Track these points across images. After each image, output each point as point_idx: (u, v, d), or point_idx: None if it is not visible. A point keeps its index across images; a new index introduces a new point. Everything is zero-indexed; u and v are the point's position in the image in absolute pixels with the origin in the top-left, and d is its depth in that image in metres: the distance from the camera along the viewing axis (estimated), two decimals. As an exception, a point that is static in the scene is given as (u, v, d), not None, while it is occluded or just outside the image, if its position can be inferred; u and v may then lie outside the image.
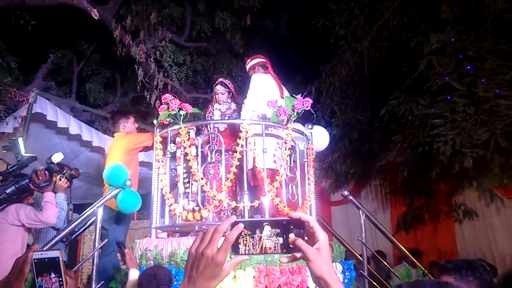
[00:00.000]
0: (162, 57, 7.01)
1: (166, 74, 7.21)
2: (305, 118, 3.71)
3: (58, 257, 1.16)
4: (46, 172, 3.45)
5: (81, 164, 5.75)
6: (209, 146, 3.57)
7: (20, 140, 4.36)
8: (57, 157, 3.72)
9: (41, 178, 3.33)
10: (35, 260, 1.13)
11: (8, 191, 3.14)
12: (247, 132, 3.08)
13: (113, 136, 4.32)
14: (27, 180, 3.27)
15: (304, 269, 2.91)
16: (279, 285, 2.76)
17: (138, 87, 7.09)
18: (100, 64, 8.40)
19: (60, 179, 3.71)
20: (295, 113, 3.23)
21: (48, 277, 1.16)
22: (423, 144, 5.19)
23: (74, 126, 5.15)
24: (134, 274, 2.64)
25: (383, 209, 7.27)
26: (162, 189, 3.17)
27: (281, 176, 3.17)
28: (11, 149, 3.85)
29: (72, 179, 3.92)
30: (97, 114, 7.37)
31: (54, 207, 3.49)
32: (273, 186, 3.07)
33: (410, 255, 4.09)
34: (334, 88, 6.89)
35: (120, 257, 2.79)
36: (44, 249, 2.69)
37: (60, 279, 1.15)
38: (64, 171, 3.78)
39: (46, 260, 1.16)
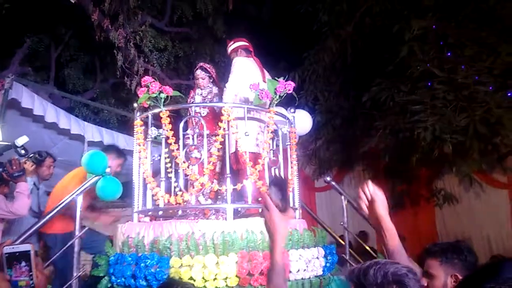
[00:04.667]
0: (142, 42, 6.88)
1: (146, 60, 7.09)
2: (288, 102, 3.70)
3: (29, 251, 1.16)
4: (20, 161, 3.36)
5: (60, 152, 5.61)
6: (192, 130, 3.53)
7: None
8: (21, 140, 3.60)
9: (14, 167, 3.23)
10: (6, 255, 1.12)
11: None
12: (229, 116, 3.05)
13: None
14: (0, 169, 3.18)
15: (286, 254, 2.93)
16: (262, 270, 2.77)
17: (118, 73, 6.95)
18: (78, 49, 8.20)
19: (25, 163, 3.60)
20: (277, 96, 3.21)
21: (18, 265, 1.14)
22: (404, 130, 5.26)
23: (51, 114, 5.02)
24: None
25: (366, 194, 7.36)
26: (143, 173, 3.12)
27: (264, 160, 3.16)
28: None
29: (39, 163, 3.82)
30: (77, 100, 7.21)
31: (26, 198, 3.38)
32: (256, 170, 3.06)
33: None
34: (317, 75, 6.89)
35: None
36: (17, 242, 2.63)
37: (30, 270, 1.14)
38: (30, 154, 3.68)
39: (17, 254, 1.14)
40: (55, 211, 3.16)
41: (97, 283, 2.97)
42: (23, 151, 3.57)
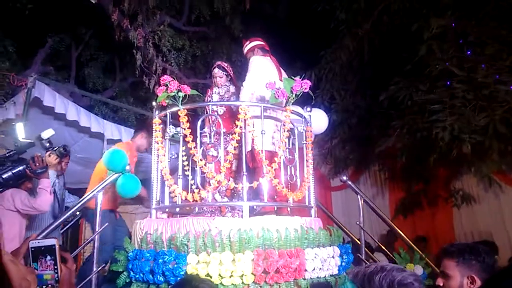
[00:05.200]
0: (160, 42, 6.97)
1: (165, 59, 7.18)
2: (304, 101, 3.71)
3: (54, 245, 1.19)
4: (44, 158, 3.44)
5: (80, 149, 5.76)
6: (209, 128, 3.58)
7: (18, 125, 4.36)
8: (46, 134, 3.70)
9: (37, 164, 3.30)
10: (32, 249, 1.16)
11: (5, 176, 3.13)
12: (245, 114, 3.08)
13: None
14: (24, 166, 3.26)
15: (302, 253, 2.95)
16: (277, 268, 2.79)
17: (137, 72, 7.06)
18: (98, 49, 8.35)
19: (49, 156, 3.69)
20: (293, 95, 3.22)
21: (44, 259, 1.18)
22: (422, 130, 5.19)
23: (72, 112, 5.14)
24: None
25: (382, 194, 7.32)
26: (161, 170, 3.18)
27: (280, 158, 3.18)
28: (9, 134, 3.85)
29: (63, 156, 3.89)
30: (96, 99, 7.35)
31: (48, 194, 3.46)
32: (272, 168, 3.09)
33: (407, 239, 4.13)
34: (333, 74, 6.86)
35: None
36: (40, 236, 2.72)
37: (55, 264, 1.18)
38: (55, 148, 3.76)
39: (42, 248, 1.18)
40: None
41: (116, 278, 3.05)
42: (47, 144, 3.67)
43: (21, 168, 3.17)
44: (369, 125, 6.73)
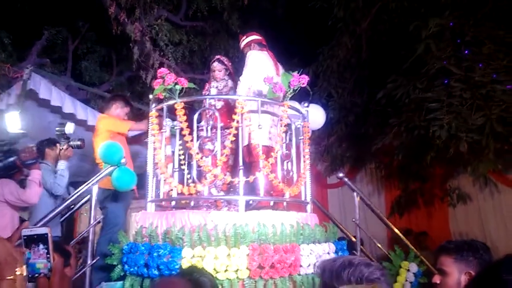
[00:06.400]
0: (158, 36, 6.92)
1: (162, 54, 7.13)
2: (301, 98, 3.70)
3: (46, 234, 1.19)
4: (35, 149, 3.43)
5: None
6: (205, 122, 3.57)
7: (9, 115, 4.32)
8: (70, 128, 3.75)
9: (28, 155, 3.29)
10: (25, 237, 1.15)
11: None
12: (242, 108, 3.06)
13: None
14: (15, 157, 3.24)
15: (297, 248, 2.95)
16: (273, 263, 2.78)
17: (134, 66, 7.02)
18: (95, 42, 8.29)
19: (66, 148, 3.71)
20: (291, 90, 3.21)
21: (37, 248, 1.18)
22: (419, 128, 5.20)
23: (68, 105, 5.10)
24: None
25: (378, 192, 7.33)
26: (157, 163, 3.16)
27: (276, 153, 3.17)
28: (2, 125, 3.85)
29: (78, 148, 3.94)
30: (93, 92, 7.30)
31: (37, 186, 3.43)
32: (268, 163, 3.08)
33: (403, 237, 4.14)
34: (331, 71, 6.85)
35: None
36: (38, 225, 2.70)
37: (48, 253, 1.17)
38: (71, 141, 3.79)
39: (35, 236, 1.18)
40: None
41: (111, 271, 3.03)
42: (66, 138, 3.69)
43: (12, 159, 3.15)
44: (366, 122, 6.74)
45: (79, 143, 3.89)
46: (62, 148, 3.78)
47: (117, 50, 8.24)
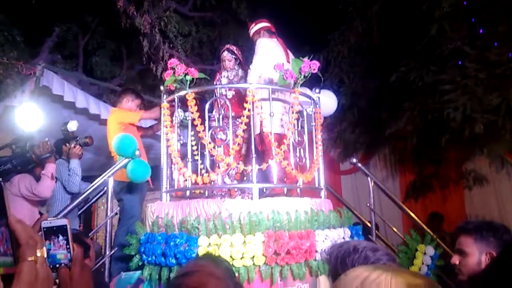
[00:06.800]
0: (167, 28, 6.92)
1: (171, 45, 7.14)
2: (312, 85, 3.67)
3: (65, 225, 1.21)
4: (50, 144, 3.45)
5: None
6: (215, 111, 3.58)
7: (17, 111, 4.39)
8: (72, 125, 3.78)
9: (42, 150, 3.31)
10: (44, 229, 1.18)
11: (14, 162, 3.17)
12: (253, 96, 3.06)
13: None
14: (30, 152, 3.27)
15: (312, 234, 2.96)
16: (288, 249, 2.80)
17: (144, 59, 7.04)
18: (105, 37, 8.33)
19: (74, 147, 3.75)
20: (302, 76, 3.19)
21: (56, 239, 1.20)
22: (433, 111, 5.12)
23: (81, 100, 5.15)
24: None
25: (392, 177, 7.27)
26: (171, 154, 3.19)
27: (289, 140, 3.17)
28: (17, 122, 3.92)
29: (84, 147, 3.97)
30: (105, 87, 7.37)
31: (49, 180, 3.44)
32: (281, 150, 3.08)
33: (419, 221, 4.12)
34: (342, 56, 6.77)
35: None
36: (58, 217, 2.75)
37: (68, 243, 1.20)
38: (78, 138, 3.83)
39: (54, 228, 1.20)
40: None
41: (129, 261, 3.09)
42: (71, 135, 3.72)
43: (29, 154, 3.20)
44: (379, 107, 6.65)
45: (86, 140, 3.91)
46: (71, 147, 3.81)
47: (127, 44, 8.28)
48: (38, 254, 0.58)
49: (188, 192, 3.49)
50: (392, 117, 6.10)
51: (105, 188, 3.54)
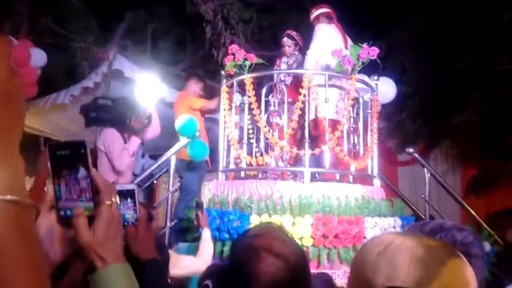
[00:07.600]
0: (229, 14, 7.09)
1: (233, 32, 7.31)
2: (372, 70, 3.62)
3: (134, 189, 1.39)
4: (145, 119, 3.29)
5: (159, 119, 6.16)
6: (273, 96, 3.68)
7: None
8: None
9: (136, 122, 3.20)
10: (116, 191, 1.37)
11: (114, 113, 3.06)
12: (309, 82, 3.12)
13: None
14: (127, 118, 3.17)
15: (362, 221, 3.00)
16: (336, 233, 2.87)
17: (207, 45, 7.30)
18: (171, 23, 8.70)
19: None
20: (360, 63, 3.19)
21: (125, 201, 1.39)
22: (502, 102, 4.83)
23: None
24: (206, 233, 2.68)
25: (453, 172, 6.95)
26: (228, 135, 3.36)
27: (343, 126, 3.20)
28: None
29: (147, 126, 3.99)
30: (169, 72, 7.74)
31: (128, 155, 3.33)
32: (334, 136, 3.13)
33: (477, 216, 3.97)
34: (405, 43, 6.53)
35: (194, 217, 2.88)
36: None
37: (135, 206, 1.38)
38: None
39: (124, 191, 1.39)
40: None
41: (187, 233, 3.34)
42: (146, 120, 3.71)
43: (125, 117, 3.13)
44: (442, 97, 6.36)
45: (144, 119, 3.58)
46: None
47: (191, 31, 8.59)
48: (113, 199, 0.72)
49: (242, 173, 3.65)
50: (456, 108, 5.82)
51: (168, 165, 3.80)
